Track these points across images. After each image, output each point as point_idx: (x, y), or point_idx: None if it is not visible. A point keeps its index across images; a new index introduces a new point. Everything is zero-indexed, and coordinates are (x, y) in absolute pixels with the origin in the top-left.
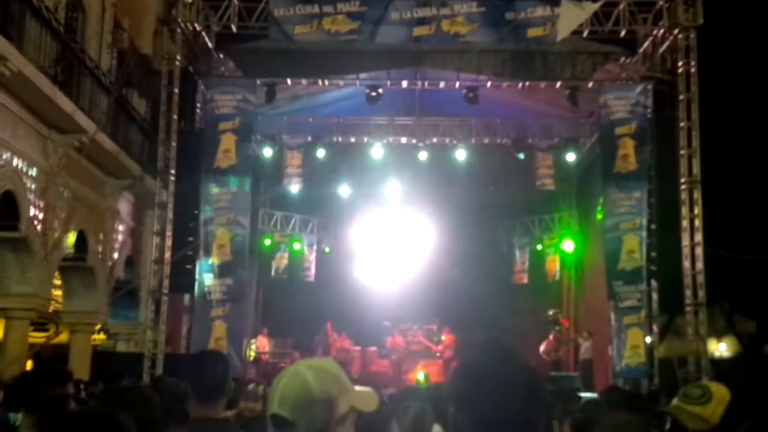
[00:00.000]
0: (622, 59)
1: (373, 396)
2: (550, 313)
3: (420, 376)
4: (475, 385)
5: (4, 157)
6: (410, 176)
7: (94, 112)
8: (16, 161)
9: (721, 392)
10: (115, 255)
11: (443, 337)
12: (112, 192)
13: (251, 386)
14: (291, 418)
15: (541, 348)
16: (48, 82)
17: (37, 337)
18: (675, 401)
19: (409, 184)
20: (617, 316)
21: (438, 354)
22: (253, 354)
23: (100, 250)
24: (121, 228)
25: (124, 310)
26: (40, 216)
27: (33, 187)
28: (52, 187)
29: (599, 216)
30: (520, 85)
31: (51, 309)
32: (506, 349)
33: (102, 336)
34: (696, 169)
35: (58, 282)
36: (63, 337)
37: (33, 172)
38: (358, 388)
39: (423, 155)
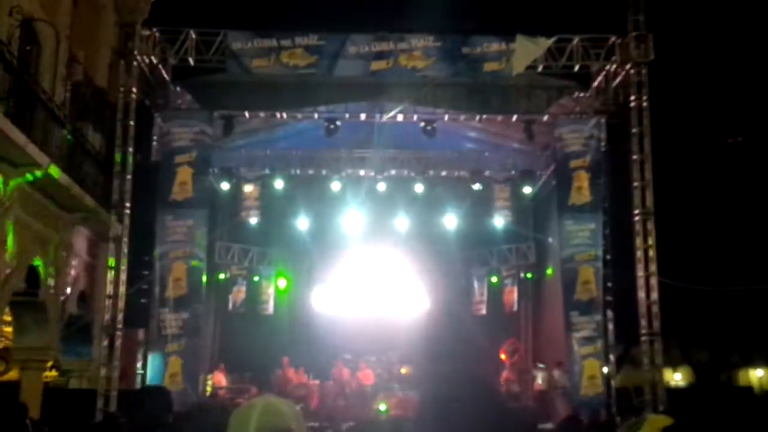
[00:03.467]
0: (576, 94)
1: None
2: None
3: (381, 407)
4: (444, 415)
5: None
6: (368, 208)
7: (48, 146)
8: None
9: None
10: (68, 290)
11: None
12: (65, 226)
13: None
14: None
15: (504, 375)
16: (0, 115)
17: None
18: None
19: (367, 216)
20: (574, 346)
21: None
22: (210, 389)
23: (53, 284)
24: (74, 262)
25: (77, 346)
26: None
27: None
28: (3, 220)
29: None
30: (476, 118)
31: (1, 345)
32: (474, 378)
33: (54, 373)
34: (649, 201)
35: (8, 318)
36: (13, 374)
37: None
38: None
39: (381, 187)
